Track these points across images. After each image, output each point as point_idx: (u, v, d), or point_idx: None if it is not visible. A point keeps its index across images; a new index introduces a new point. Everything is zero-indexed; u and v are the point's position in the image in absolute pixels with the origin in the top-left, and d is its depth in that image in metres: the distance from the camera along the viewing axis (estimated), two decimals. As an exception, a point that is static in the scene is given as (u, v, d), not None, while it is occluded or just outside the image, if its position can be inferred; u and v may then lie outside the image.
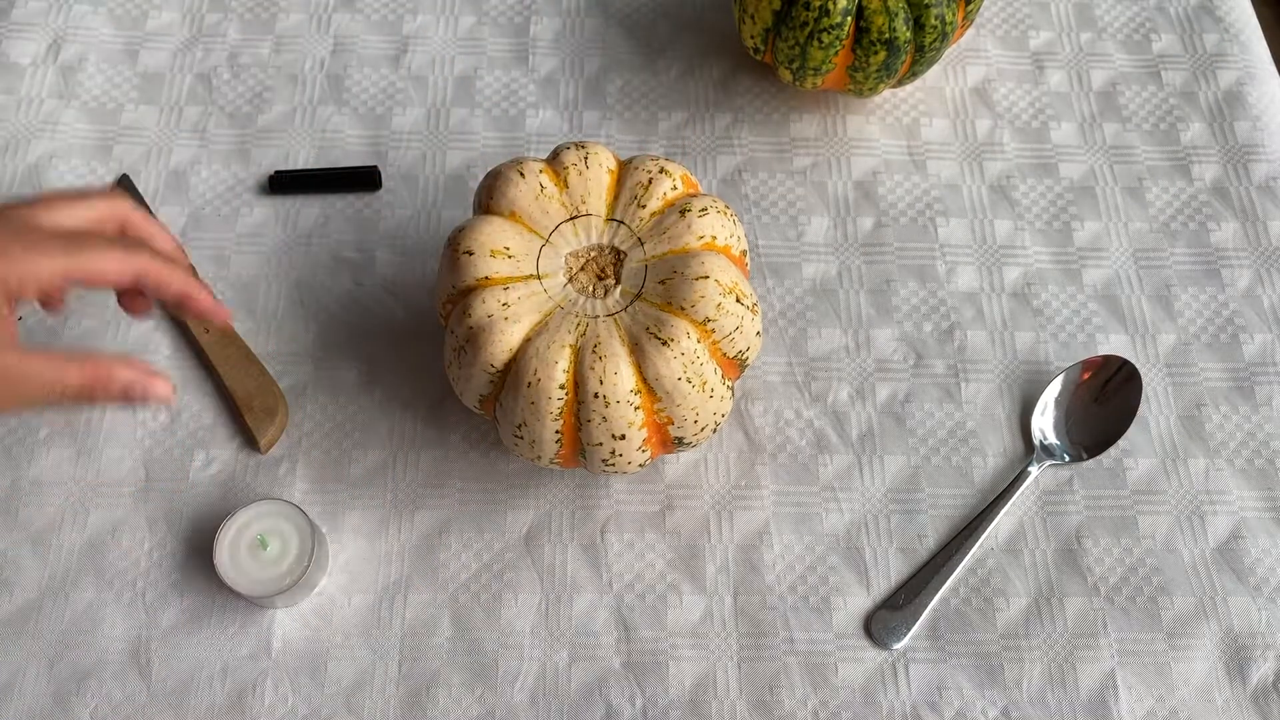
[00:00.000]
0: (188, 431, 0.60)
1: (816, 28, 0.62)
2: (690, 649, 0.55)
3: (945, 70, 0.74)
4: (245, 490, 0.59)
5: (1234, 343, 0.64)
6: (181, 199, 0.67)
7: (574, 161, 0.55)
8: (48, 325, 0.63)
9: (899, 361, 0.63)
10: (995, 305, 0.65)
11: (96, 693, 0.54)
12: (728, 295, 0.51)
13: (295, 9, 0.75)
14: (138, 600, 0.56)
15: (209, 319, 0.51)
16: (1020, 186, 0.69)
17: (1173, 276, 0.66)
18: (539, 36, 0.75)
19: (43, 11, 0.74)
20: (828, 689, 0.54)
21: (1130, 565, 0.58)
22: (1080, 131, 0.72)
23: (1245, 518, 0.59)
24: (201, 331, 0.62)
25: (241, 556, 0.53)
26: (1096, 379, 0.62)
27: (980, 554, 0.58)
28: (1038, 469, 0.60)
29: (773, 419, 0.61)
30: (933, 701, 0.54)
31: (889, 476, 0.60)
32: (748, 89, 0.73)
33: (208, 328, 0.62)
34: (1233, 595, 0.57)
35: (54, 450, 0.59)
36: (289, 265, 0.65)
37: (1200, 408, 0.62)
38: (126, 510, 0.58)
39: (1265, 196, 0.69)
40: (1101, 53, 0.75)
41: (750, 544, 0.58)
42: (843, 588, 0.57)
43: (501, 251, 0.52)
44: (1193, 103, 0.73)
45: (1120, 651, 0.55)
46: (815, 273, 0.66)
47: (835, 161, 0.70)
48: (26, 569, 0.56)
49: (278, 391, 0.60)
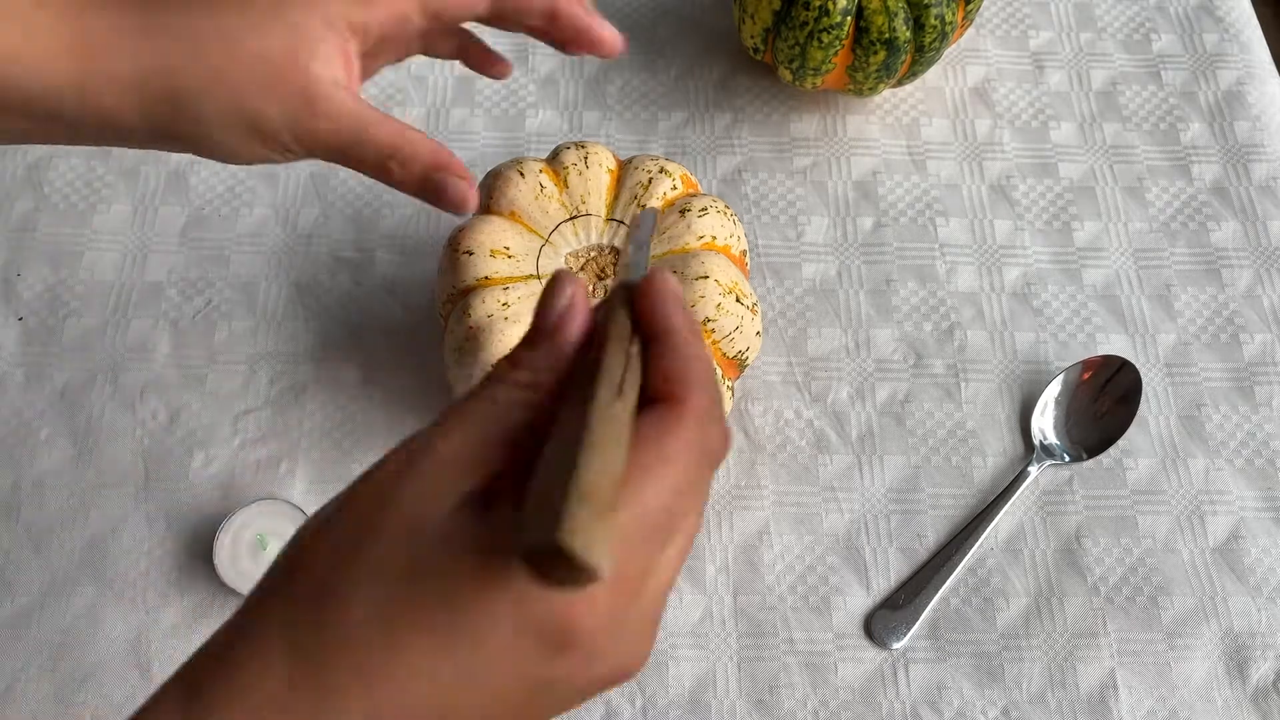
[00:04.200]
0: (187, 431, 0.60)
1: (816, 28, 0.62)
2: (690, 649, 0.55)
3: (945, 70, 0.74)
4: (245, 490, 0.59)
5: (1234, 343, 0.64)
6: (181, 199, 0.67)
7: (574, 161, 0.55)
8: (47, 325, 0.63)
9: (899, 361, 0.63)
10: (995, 305, 0.65)
11: (97, 693, 0.54)
12: (728, 295, 0.51)
13: (295, 9, 0.75)
14: (138, 600, 0.56)
15: (586, 42, 0.46)
16: (1020, 186, 0.69)
17: (1173, 276, 0.66)
18: (539, 36, 0.75)
19: (43, 11, 0.74)
20: (827, 689, 0.54)
21: (1130, 565, 0.58)
22: (1080, 131, 0.72)
23: (1245, 518, 0.59)
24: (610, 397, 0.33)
25: (241, 556, 0.53)
26: (1096, 379, 0.62)
27: (980, 554, 0.58)
28: (1037, 469, 0.60)
29: (773, 419, 0.61)
30: (933, 701, 0.54)
31: (889, 476, 0.60)
32: (748, 89, 0.73)
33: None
34: (1233, 595, 0.57)
35: (54, 450, 0.59)
36: (289, 265, 0.66)
37: (1200, 408, 0.62)
38: (126, 510, 0.58)
39: (1265, 196, 0.69)
40: (1101, 52, 0.75)
41: (750, 544, 0.58)
42: (843, 587, 0.57)
43: (501, 251, 0.52)
44: (1193, 103, 0.73)
45: (1120, 651, 0.55)
46: (815, 273, 0.66)
47: (835, 161, 0.70)
48: (27, 569, 0.56)
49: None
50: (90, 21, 0.40)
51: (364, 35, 0.43)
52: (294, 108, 0.41)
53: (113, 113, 0.41)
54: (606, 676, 0.31)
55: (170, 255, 0.66)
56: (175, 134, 0.42)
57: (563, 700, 0.31)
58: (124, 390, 0.61)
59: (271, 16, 0.42)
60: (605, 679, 0.31)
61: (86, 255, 0.65)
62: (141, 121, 0.42)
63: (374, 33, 0.44)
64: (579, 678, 0.30)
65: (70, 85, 0.40)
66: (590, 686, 0.31)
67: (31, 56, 0.40)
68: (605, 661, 0.30)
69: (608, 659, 0.30)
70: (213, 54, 0.41)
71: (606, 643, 0.29)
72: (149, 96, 0.41)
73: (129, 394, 0.61)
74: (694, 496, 0.30)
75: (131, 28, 0.41)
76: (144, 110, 0.41)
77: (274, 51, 0.41)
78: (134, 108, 0.41)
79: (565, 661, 0.29)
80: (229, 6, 0.42)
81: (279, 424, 0.61)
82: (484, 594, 0.28)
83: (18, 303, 0.64)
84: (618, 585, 0.29)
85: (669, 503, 0.29)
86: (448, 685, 0.29)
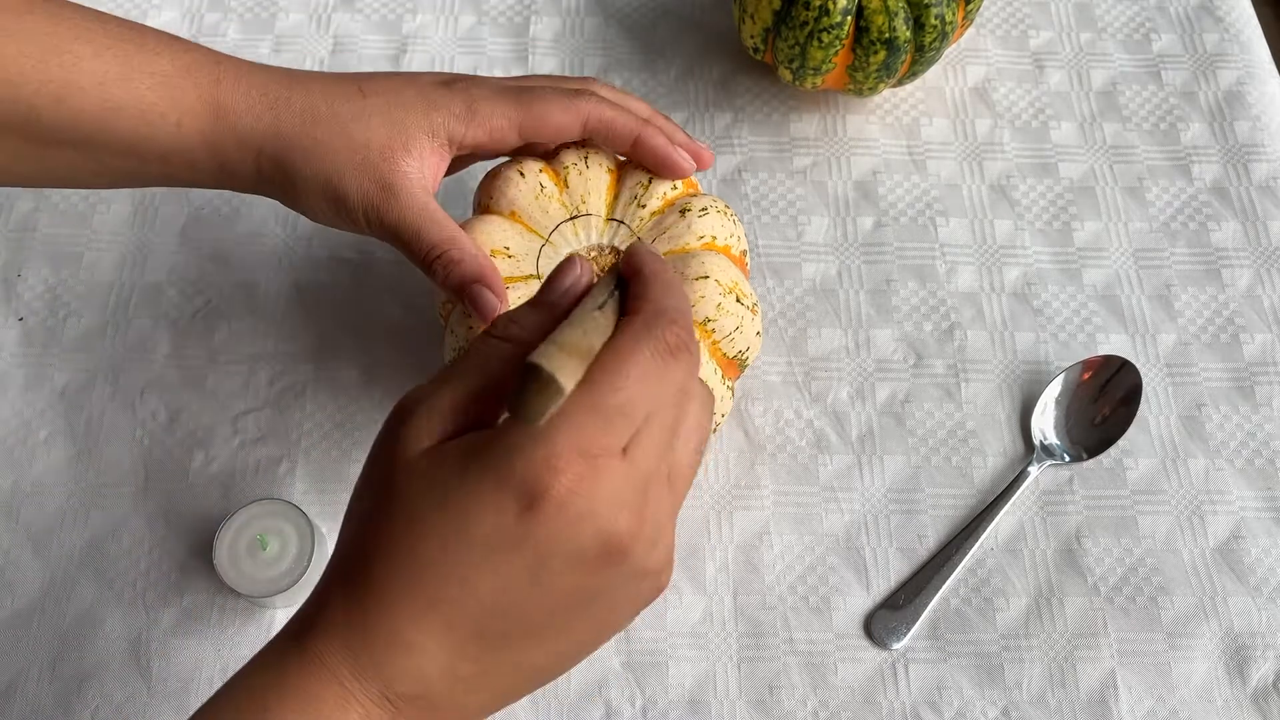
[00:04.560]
0: (187, 431, 0.60)
1: (816, 27, 0.62)
2: (690, 649, 0.55)
3: (945, 70, 0.74)
4: (245, 490, 0.59)
5: (1234, 343, 0.64)
6: (182, 199, 0.67)
7: (574, 161, 0.54)
8: (47, 325, 0.63)
9: (899, 361, 0.63)
10: (995, 305, 0.65)
11: (97, 693, 0.54)
12: (728, 295, 0.51)
13: (295, 9, 0.75)
14: (138, 600, 0.56)
15: (668, 172, 0.53)
16: (1020, 186, 0.69)
17: (1173, 276, 0.66)
18: (539, 36, 0.75)
19: (43, 11, 0.74)
20: (827, 689, 0.54)
21: (1130, 565, 0.58)
22: (1080, 131, 0.72)
23: (1245, 518, 0.59)
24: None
25: (241, 556, 0.53)
26: (1096, 379, 0.62)
27: (980, 554, 0.58)
28: (1038, 469, 0.60)
29: (772, 419, 0.61)
30: (933, 701, 0.54)
31: (889, 476, 0.60)
32: (748, 89, 0.73)
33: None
34: (1233, 595, 0.57)
35: (54, 450, 0.59)
36: (289, 265, 0.66)
37: (1200, 408, 0.62)
38: (126, 510, 0.58)
39: (1265, 196, 0.69)
40: (1101, 52, 0.75)
41: (750, 544, 0.58)
42: (842, 588, 0.57)
43: (501, 251, 0.52)
44: (1193, 102, 0.73)
45: (1120, 651, 0.55)
46: (815, 273, 0.66)
47: (835, 161, 0.70)
48: (27, 569, 0.56)
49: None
50: (226, 91, 0.49)
51: (461, 146, 0.51)
52: (372, 193, 0.49)
53: (233, 164, 0.49)
54: (630, 570, 0.36)
55: (170, 255, 0.66)
56: (275, 188, 0.50)
57: (583, 586, 0.36)
58: (124, 390, 0.61)
59: (381, 114, 0.49)
60: (632, 571, 0.36)
61: (86, 255, 0.65)
62: (252, 173, 0.50)
63: (470, 145, 0.51)
64: (567, 542, 0.34)
65: (202, 140, 0.49)
66: (598, 568, 0.35)
67: (176, 115, 0.48)
68: (602, 535, 0.34)
69: (607, 534, 0.34)
70: (320, 132, 0.49)
71: (590, 507, 0.34)
72: (263, 155, 0.49)
73: (129, 394, 0.61)
74: (657, 383, 0.35)
75: (261, 98, 0.49)
76: (257, 165, 0.49)
77: (373, 142, 0.48)
78: (249, 162, 0.49)
79: (546, 525, 0.34)
80: (348, 97, 0.50)
81: (279, 424, 0.61)
82: (466, 478, 0.34)
83: (18, 303, 0.64)
84: (587, 454, 0.34)
85: (628, 386, 0.35)
86: (465, 574, 0.34)
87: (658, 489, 0.36)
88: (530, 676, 0.39)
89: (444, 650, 0.35)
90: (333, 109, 0.49)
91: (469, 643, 0.35)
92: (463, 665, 0.36)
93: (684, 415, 0.37)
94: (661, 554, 0.37)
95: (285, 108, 0.49)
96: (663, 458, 0.36)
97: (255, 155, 0.49)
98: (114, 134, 0.48)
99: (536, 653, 0.37)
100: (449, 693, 0.36)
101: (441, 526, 0.34)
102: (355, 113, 0.49)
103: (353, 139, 0.48)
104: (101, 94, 0.47)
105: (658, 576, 0.38)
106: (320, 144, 0.48)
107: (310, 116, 0.49)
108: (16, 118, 0.47)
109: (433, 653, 0.35)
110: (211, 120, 0.48)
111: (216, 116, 0.48)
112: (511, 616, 0.35)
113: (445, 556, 0.34)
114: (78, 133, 0.48)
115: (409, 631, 0.35)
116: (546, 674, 0.39)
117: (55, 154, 0.49)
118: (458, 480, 0.35)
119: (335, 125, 0.49)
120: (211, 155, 0.49)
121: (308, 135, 0.48)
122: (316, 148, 0.48)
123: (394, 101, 0.50)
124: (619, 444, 0.35)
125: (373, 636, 0.35)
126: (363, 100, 0.49)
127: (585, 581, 0.35)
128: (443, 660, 0.35)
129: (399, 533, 0.35)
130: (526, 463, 0.33)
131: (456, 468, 0.35)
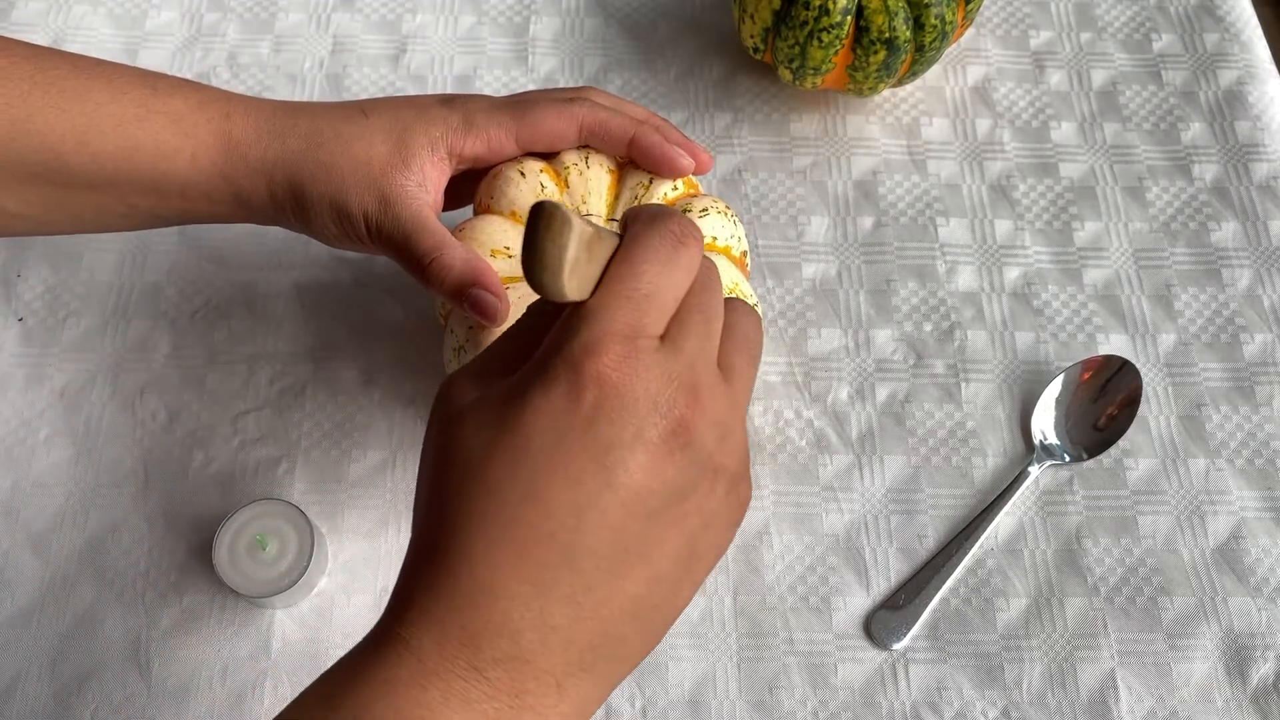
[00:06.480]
0: (187, 431, 0.60)
1: (816, 27, 0.62)
2: (690, 649, 0.55)
3: (945, 70, 0.74)
4: (245, 490, 0.59)
5: (1234, 343, 0.64)
6: (181, 199, 0.67)
7: (574, 161, 0.54)
8: (47, 325, 0.63)
9: (899, 361, 0.63)
10: (995, 305, 0.65)
11: (97, 693, 0.54)
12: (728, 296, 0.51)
13: (295, 9, 0.75)
14: (137, 600, 0.56)
15: (668, 171, 0.53)
16: (1020, 186, 0.69)
17: (1173, 276, 0.66)
18: (538, 36, 0.75)
19: (43, 12, 0.74)
20: (827, 689, 0.54)
21: (1130, 565, 0.58)
22: (1080, 131, 0.72)
23: (1245, 518, 0.59)
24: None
25: (240, 556, 0.53)
26: (1096, 379, 0.62)
27: (980, 554, 0.58)
28: (1038, 469, 0.60)
29: (773, 419, 0.61)
30: (933, 702, 0.54)
31: (889, 477, 0.60)
32: (748, 89, 0.73)
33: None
34: (1233, 595, 0.57)
35: (54, 450, 0.59)
36: (289, 265, 0.65)
37: (1200, 408, 0.62)
38: (126, 510, 0.58)
39: (1265, 196, 0.69)
40: (1101, 52, 0.75)
41: (750, 544, 0.58)
42: (842, 588, 0.57)
43: (502, 251, 0.52)
44: (1193, 102, 0.73)
45: (1120, 652, 0.55)
46: (815, 273, 0.66)
47: (835, 161, 0.70)
48: (27, 569, 0.56)
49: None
50: (236, 124, 0.51)
51: (461, 158, 0.52)
52: (372, 205, 0.50)
53: (248, 194, 0.51)
54: (702, 461, 0.36)
55: (170, 255, 0.66)
56: (289, 214, 0.52)
57: (657, 480, 0.35)
58: (124, 390, 0.61)
59: (382, 130, 0.51)
60: (705, 463, 0.36)
61: (86, 255, 0.65)
62: (266, 201, 0.51)
63: (469, 157, 0.53)
64: (625, 426, 0.34)
65: (216, 171, 0.51)
66: (665, 453, 0.35)
67: (190, 149, 0.50)
68: (658, 411, 0.34)
69: (664, 410, 0.35)
70: (324, 154, 0.50)
71: (639, 384, 0.34)
72: (274, 181, 0.51)
73: (129, 394, 0.61)
74: (675, 269, 0.37)
75: (268, 128, 0.51)
76: (270, 192, 0.51)
77: (375, 158, 0.50)
78: (262, 190, 0.51)
79: (599, 409, 0.34)
80: (350, 119, 0.52)
81: (279, 424, 0.61)
82: (512, 397, 0.35)
83: (18, 303, 0.64)
84: (624, 336, 0.34)
85: (649, 270, 0.36)
86: (531, 488, 0.34)
87: (709, 376, 0.36)
88: (630, 617, 0.36)
89: (527, 586, 0.34)
90: (336, 130, 0.51)
91: (551, 569, 0.34)
92: (552, 607, 0.34)
93: (713, 300, 0.38)
94: (734, 449, 0.37)
95: (291, 133, 0.51)
96: (705, 341, 0.37)
97: (267, 182, 0.51)
98: (135, 171, 0.50)
99: (630, 580, 0.35)
100: (542, 646, 0.34)
101: (497, 450, 0.34)
102: (358, 132, 0.51)
103: (355, 157, 0.50)
104: (121, 135, 0.49)
105: (736, 480, 0.37)
106: (325, 165, 0.50)
107: (315, 140, 0.51)
108: (44, 165, 0.49)
109: (517, 593, 0.34)
110: (223, 152, 0.51)
111: (228, 148, 0.51)
112: (590, 527, 0.34)
113: (508, 477, 0.34)
114: (101, 174, 0.50)
115: (485, 573, 0.34)
116: (647, 612, 0.36)
117: (83, 198, 0.51)
118: (503, 404, 0.35)
119: (339, 146, 0.51)
120: (226, 186, 0.51)
121: (313, 158, 0.50)
122: (322, 169, 0.50)
123: (394, 119, 0.51)
124: (655, 328, 0.35)
125: (451, 594, 0.34)
126: (365, 120, 0.51)
127: (657, 472, 0.34)
128: (531, 603, 0.34)
129: (458, 479, 0.35)
130: (565, 356, 0.34)
131: (499, 399, 0.35)
